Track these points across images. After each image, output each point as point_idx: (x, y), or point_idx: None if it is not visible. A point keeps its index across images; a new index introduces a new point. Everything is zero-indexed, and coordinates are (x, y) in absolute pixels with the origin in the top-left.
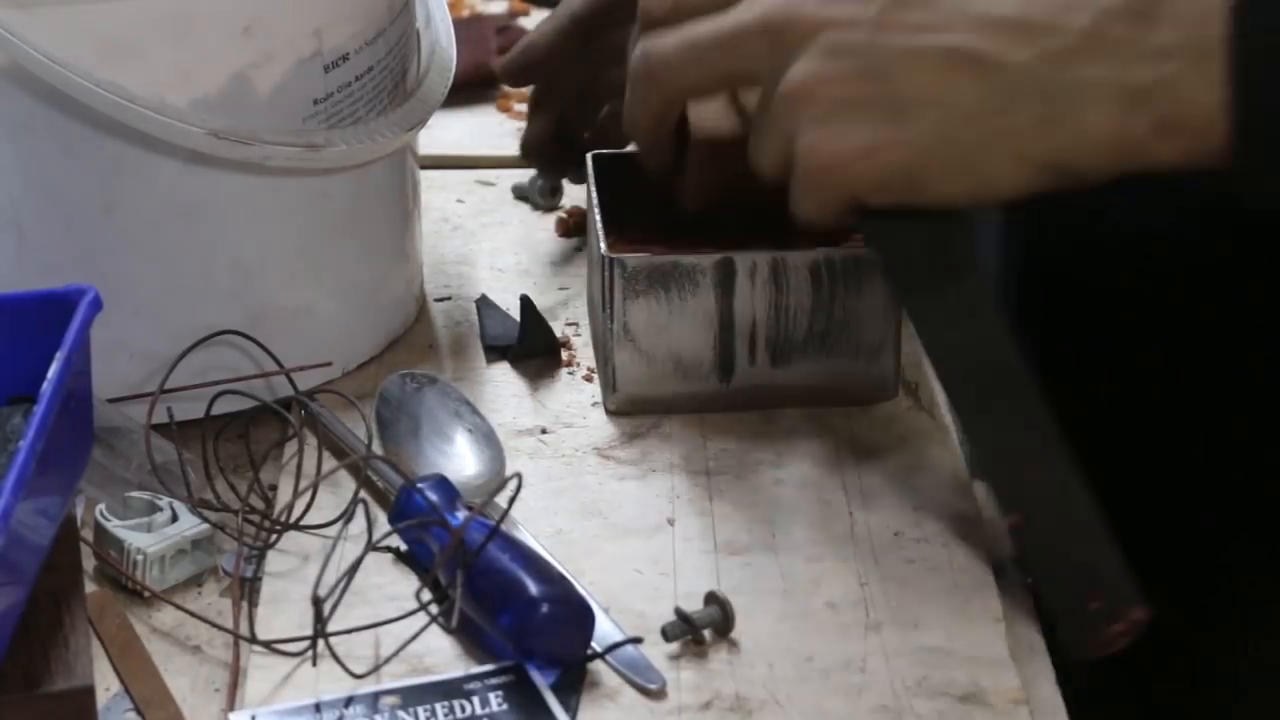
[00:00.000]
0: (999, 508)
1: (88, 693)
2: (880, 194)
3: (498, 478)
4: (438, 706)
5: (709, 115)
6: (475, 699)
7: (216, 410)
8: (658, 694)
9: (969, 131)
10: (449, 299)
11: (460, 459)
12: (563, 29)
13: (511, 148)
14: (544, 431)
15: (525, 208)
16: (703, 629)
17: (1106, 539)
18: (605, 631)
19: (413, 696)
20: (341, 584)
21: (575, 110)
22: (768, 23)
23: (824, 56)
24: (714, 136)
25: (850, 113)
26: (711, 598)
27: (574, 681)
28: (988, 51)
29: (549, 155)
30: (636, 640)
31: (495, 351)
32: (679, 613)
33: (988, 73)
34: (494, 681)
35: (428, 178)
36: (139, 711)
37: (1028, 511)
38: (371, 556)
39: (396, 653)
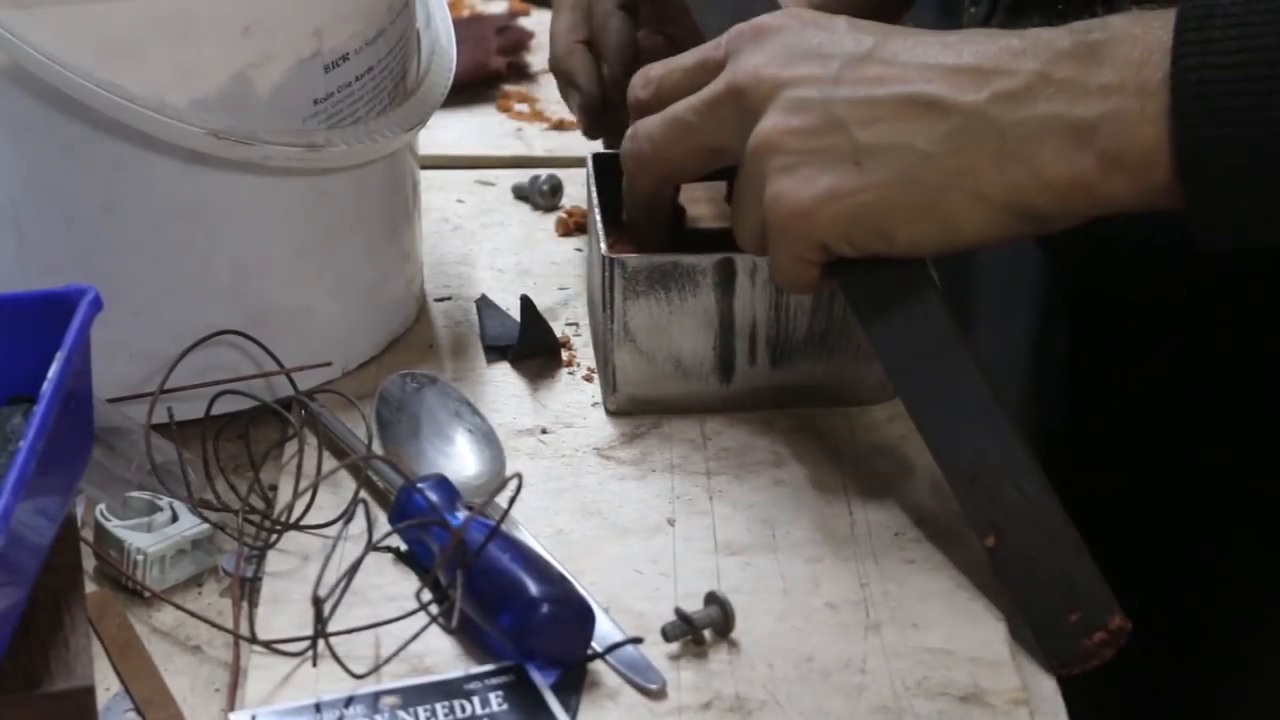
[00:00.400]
0: (974, 527)
1: (88, 693)
2: (848, 242)
3: (498, 478)
4: (438, 706)
5: (705, 213)
6: (475, 699)
7: (216, 410)
8: (658, 694)
9: (928, 173)
10: (449, 299)
11: (460, 459)
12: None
13: (511, 148)
14: (544, 432)
15: (525, 208)
16: (703, 629)
17: (1080, 550)
18: (605, 631)
19: (413, 696)
20: (341, 584)
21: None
22: (733, 87)
23: (785, 111)
24: (707, 229)
25: (812, 162)
26: (711, 598)
27: (574, 681)
28: (943, 95)
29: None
30: (637, 640)
31: (495, 352)
32: (679, 613)
33: (943, 115)
34: (494, 681)
35: (428, 178)
36: (139, 711)
37: (1001, 529)
38: (371, 556)
39: (397, 653)
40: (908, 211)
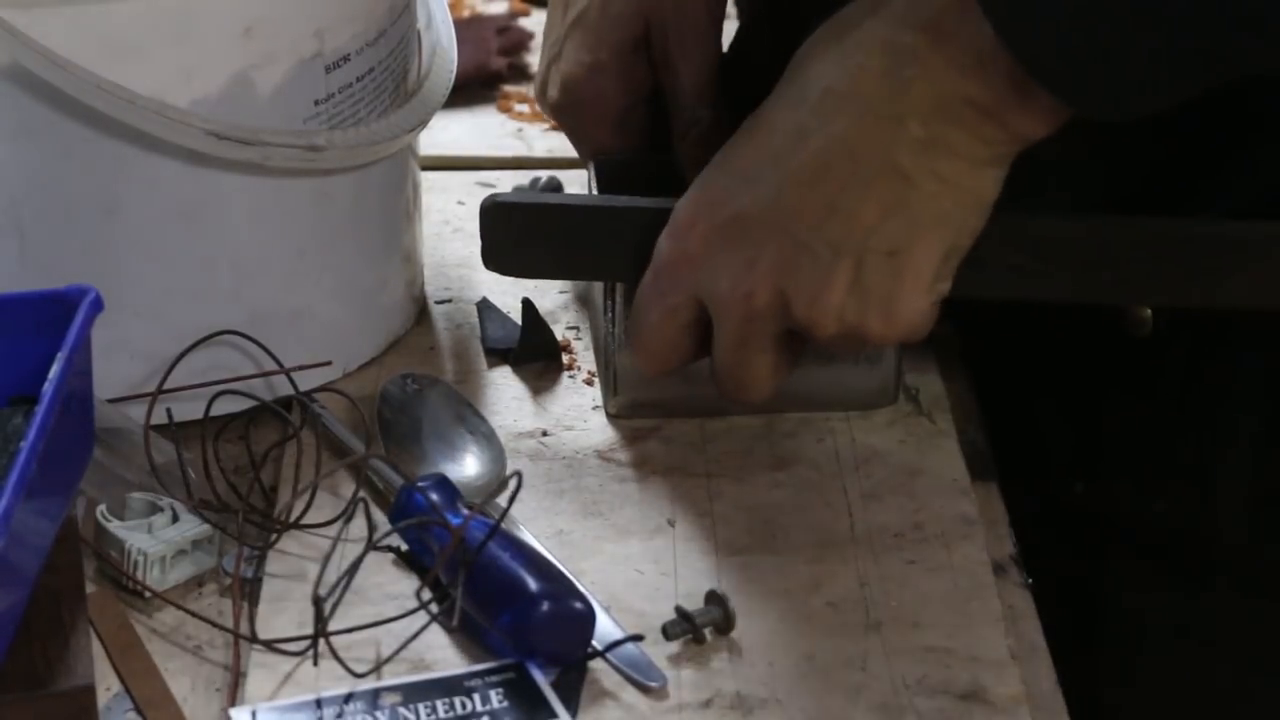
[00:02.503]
0: None
1: (88, 693)
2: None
3: (498, 479)
4: (438, 704)
5: None
6: (476, 696)
7: (216, 410)
8: (658, 692)
9: (911, 196)
10: (450, 301)
11: (462, 461)
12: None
13: (512, 149)
14: (545, 434)
15: None
16: (703, 628)
17: None
18: (606, 630)
19: (413, 694)
20: (342, 584)
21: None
22: (757, 306)
23: (820, 288)
24: None
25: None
26: (712, 597)
27: (575, 680)
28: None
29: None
30: (637, 638)
31: (496, 354)
32: (680, 611)
33: (849, 161)
34: (495, 679)
35: (428, 179)
36: (139, 711)
37: None
38: (372, 556)
39: (397, 652)
40: (954, 223)
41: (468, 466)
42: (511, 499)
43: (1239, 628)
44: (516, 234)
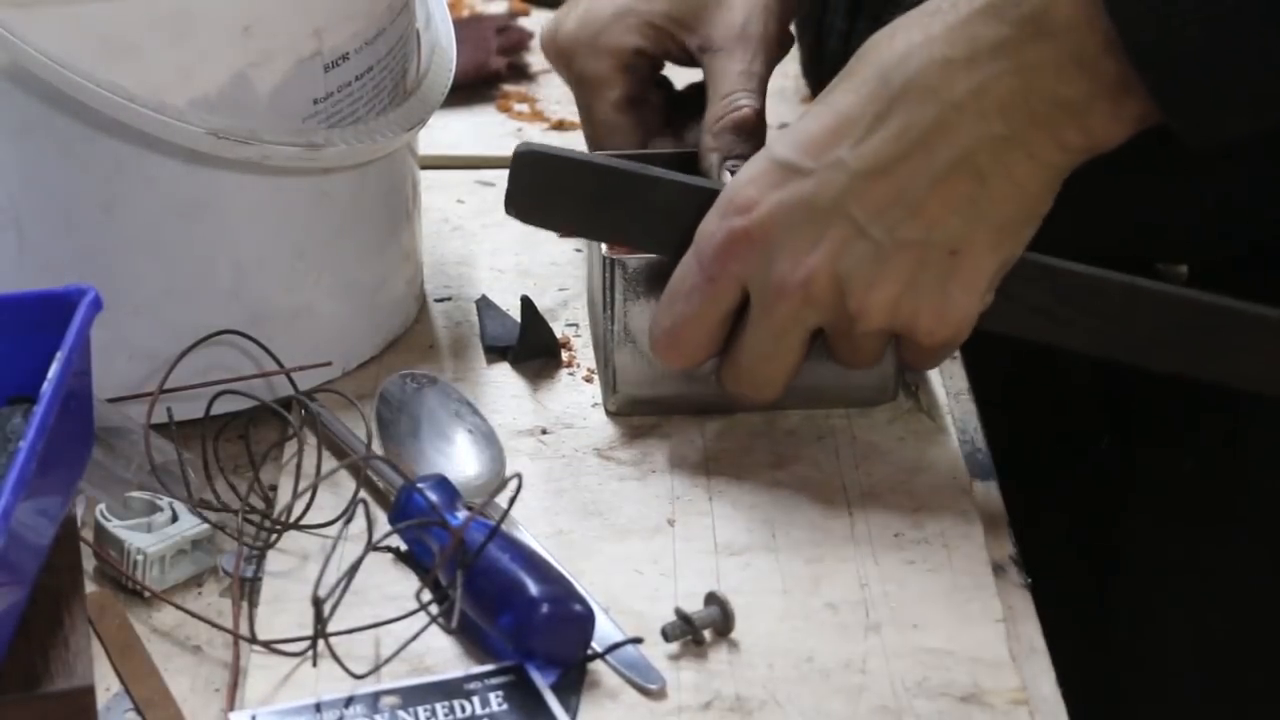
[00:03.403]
0: None
1: (88, 693)
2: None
3: (498, 478)
4: (438, 706)
5: None
6: (475, 699)
7: (216, 410)
8: (658, 694)
9: (996, 198)
10: (449, 299)
11: (461, 459)
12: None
13: (511, 148)
14: (544, 432)
15: None
16: (703, 629)
17: None
18: (605, 631)
19: (413, 696)
20: (341, 584)
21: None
22: (798, 291)
23: (868, 285)
24: None
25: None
26: (711, 598)
27: (574, 681)
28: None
29: None
30: (637, 640)
31: (495, 352)
32: (679, 613)
33: (947, 138)
34: (494, 681)
35: (428, 178)
36: (139, 711)
37: None
38: (371, 556)
39: (397, 653)
40: (1014, 230)
41: (467, 466)
42: (511, 501)
43: (1262, 583)
44: (546, 185)
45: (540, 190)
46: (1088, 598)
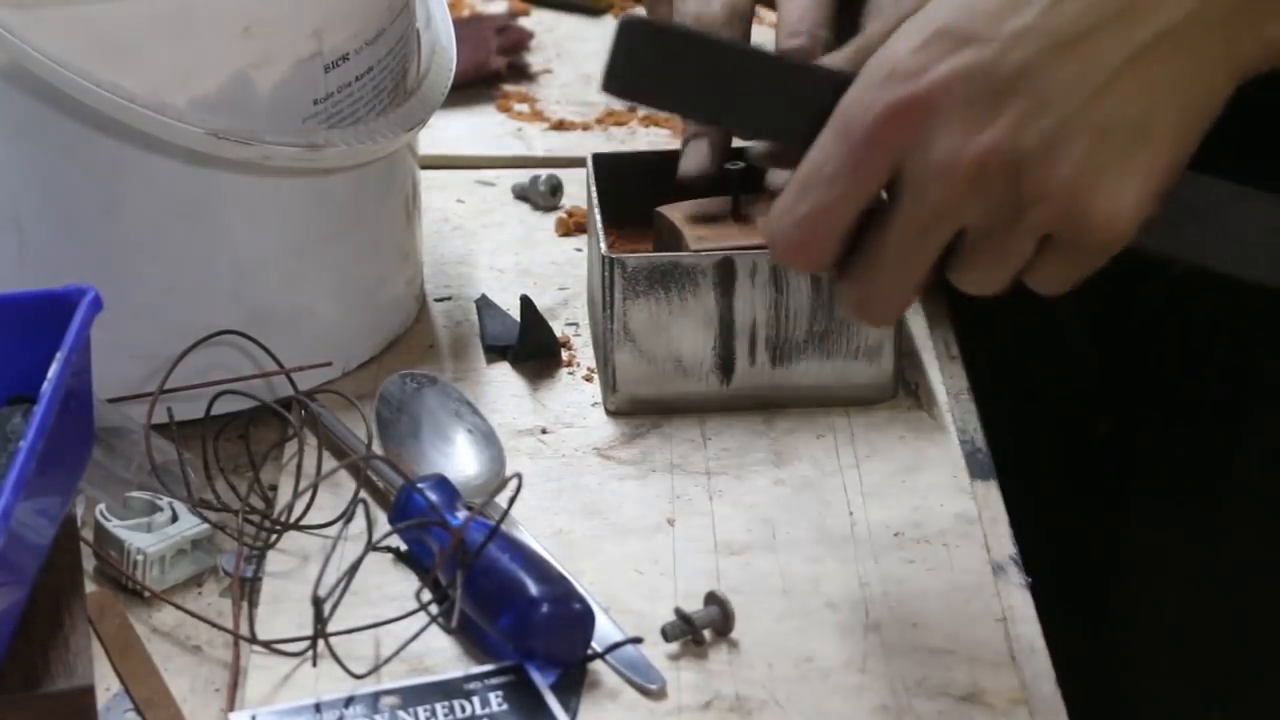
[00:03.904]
0: None
1: (88, 693)
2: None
3: (498, 478)
4: (438, 706)
5: (705, 234)
6: (475, 699)
7: (216, 410)
8: (658, 694)
9: (1189, 89)
10: (449, 299)
11: (460, 459)
12: None
13: (511, 148)
14: (544, 432)
15: (525, 207)
16: (703, 629)
17: None
18: (605, 631)
19: (413, 696)
20: (341, 584)
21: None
22: (985, 168)
23: (1050, 160)
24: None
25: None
26: (711, 598)
27: (574, 681)
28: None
29: (703, 188)
30: (636, 640)
31: (495, 352)
32: (679, 613)
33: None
34: (494, 681)
35: (428, 178)
36: (139, 711)
37: None
38: (371, 556)
39: (396, 653)
40: (1198, 123)
41: (467, 466)
42: (511, 501)
43: (1262, 584)
44: (655, 59)
45: (647, 66)
46: (1088, 598)
